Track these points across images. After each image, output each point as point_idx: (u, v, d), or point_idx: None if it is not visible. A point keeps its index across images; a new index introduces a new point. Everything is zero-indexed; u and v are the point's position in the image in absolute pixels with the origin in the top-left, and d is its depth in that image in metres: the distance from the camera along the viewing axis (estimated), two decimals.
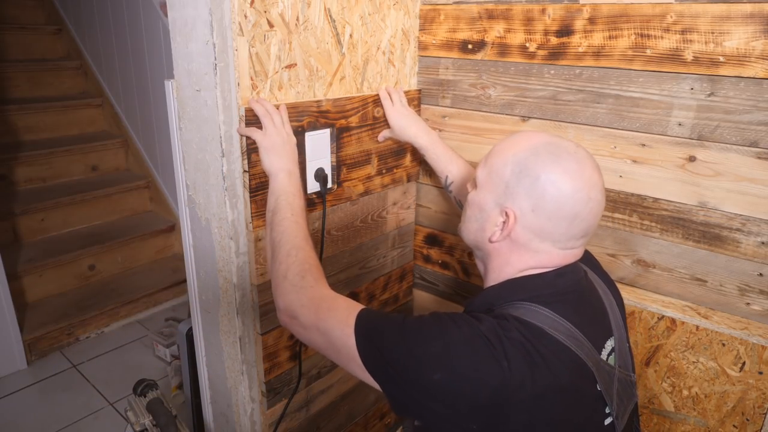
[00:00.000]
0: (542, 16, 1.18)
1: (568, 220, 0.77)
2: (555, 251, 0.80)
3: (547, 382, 0.71)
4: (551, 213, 0.76)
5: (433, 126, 1.44)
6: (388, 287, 1.52)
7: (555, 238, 0.78)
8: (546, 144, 0.79)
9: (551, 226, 0.77)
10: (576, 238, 0.79)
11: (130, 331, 2.55)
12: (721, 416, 1.09)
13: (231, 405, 1.26)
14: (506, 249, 0.82)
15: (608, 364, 0.81)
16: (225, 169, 1.04)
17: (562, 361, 0.73)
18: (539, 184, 0.76)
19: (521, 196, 0.78)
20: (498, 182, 0.81)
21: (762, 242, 1.04)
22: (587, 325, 0.79)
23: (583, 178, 0.76)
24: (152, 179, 3.09)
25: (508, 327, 0.73)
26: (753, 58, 0.97)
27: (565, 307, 0.78)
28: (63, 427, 1.94)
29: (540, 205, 0.77)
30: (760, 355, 1.01)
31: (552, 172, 0.76)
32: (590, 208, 0.77)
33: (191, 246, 1.21)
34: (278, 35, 1.04)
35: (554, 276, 0.81)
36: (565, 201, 0.76)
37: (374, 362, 0.76)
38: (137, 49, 2.87)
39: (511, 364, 0.69)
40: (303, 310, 0.84)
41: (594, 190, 0.77)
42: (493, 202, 0.81)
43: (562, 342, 0.74)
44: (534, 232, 0.78)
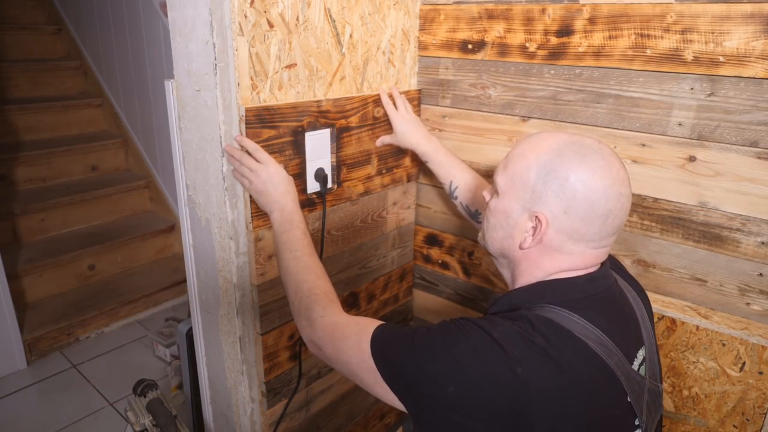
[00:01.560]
0: (542, 16, 1.18)
1: (601, 218, 0.75)
2: (588, 251, 0.78)
3: (571, 390, 0.69)
4: (585, 213, 0.75)
5: (433, 126, 1.44)
6: (388, 287, 1.52)
7: (589, 237, 0.77)
8: (569, 143, 0.77)
9: (585, 226, 0.75)
10: (609, 235, 0.78)
11: (130, 331, 2.55)
12: (721, 416, 1.09)
13: (231, 405, 1.26)
14: (536, 254, 0.80)
15: (639, 375, 0.79)
16: (225, 169, 1.04)
17: (589, 369, 0.72)
18: (569, 185, 0.74)
19: (551, 199, 0.76)
20: (523, 187, 0.78)
21: (762, 242, 1.04)
22: (619, 334, 0.77)
23: (611, 175, 0.75)
24: (152, 179, 3.09)
25: (530, 332, 0.71)
26: (753, 58, 0.97)
27: (597, 314, 0.76)
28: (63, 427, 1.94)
29: (572, 206, 0.75)
30: (760, 355, 1.01)
31: (581, 171, 0.74)
32: (621, 204, 0.76)
33: (191, 246, 1.21)
34: (278, 35, 1.04)
35: (586, 280, 0.79)
36: (597, 199, 0.74)
37: (393, 381, 0.76)
38: (137, 49, 2.87)
39: (527, 370, 0.68)
40: (321, 342, 0.87)
41: (623, 185, 0.76)
42: (520, 207, 0.79)
43: (591, 349, 0.72)
44: (567, 234, 0.76)
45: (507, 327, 0.72)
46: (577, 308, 0.75)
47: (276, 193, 1.03)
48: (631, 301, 0.86)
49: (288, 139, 1.10)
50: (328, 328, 0.86)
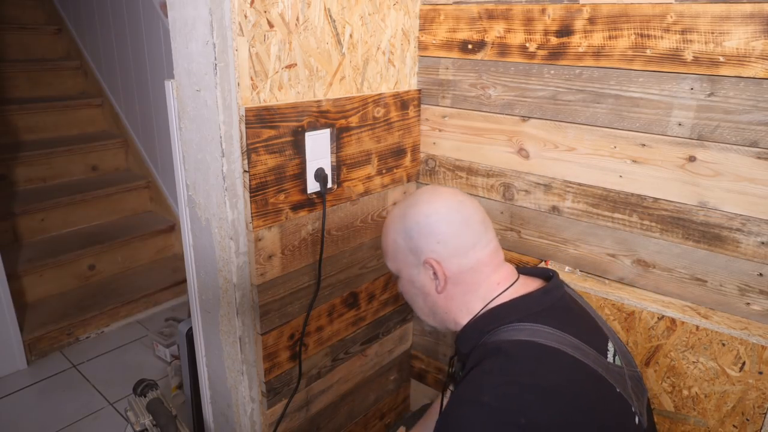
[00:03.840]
0: (542, 16, 1.18)
1: (464, 227, 0.86)
2: (482, 254, 0.87)
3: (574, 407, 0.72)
4: (451, 232, 0.86)
5: (433, 126, 1.44)
6: (389, 287, 1.52)
7: (470, 245, 0.86)
8: (402, 206, 0.92)
9: (460, 240, 0.86)
10: (483, 233, 0.88)
11: (130, 331, 2.55)
12: (721, 416, 1.09)
13: (231, 405, 1.26)
14: (455, 290, 0.88)
15: (617, 365, 0.83)
16: (225, 169, 1.04)
17: (578, 378, 0.75)
18: (423, 224, 0.87)
19: (422, 244, 0.87)
20: (404, 256, 0.90)
21: (762, 242, 1.04)
22: (585, 334, 0.82)
23: (440, 195, 0.89)
24: (152, 179, 3.09)
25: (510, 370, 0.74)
26: (753, 58, 0.97)
27: (560, 321, 0.81)
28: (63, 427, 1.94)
29: (439, 236, 0.86)
30: (760, 355, 1.01)
31: (421, 209, 0.88)
32: (468, 207, 0.88)
33: (191, 246, 1.21)
34: (278, 35, 1.04)
35: (541, 294, 0.86)
36: (448, 216, 0.86)
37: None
38: (137, 49, 2.87)
39: (528, 415, 0.70)
40: None
41: (456, 195, 0.89)
42: (415, 270, 0.90)
43: (571, 356, 0.76)
44: (455, 256, 0.86)
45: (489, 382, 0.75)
46: (542, 319, 0.81)
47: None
48: (582, 304, 0.92)
49: (288, 139, 1.10)
50: None
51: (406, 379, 1.74)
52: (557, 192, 1.27)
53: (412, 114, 1.42)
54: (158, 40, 2.68)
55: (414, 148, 1.46)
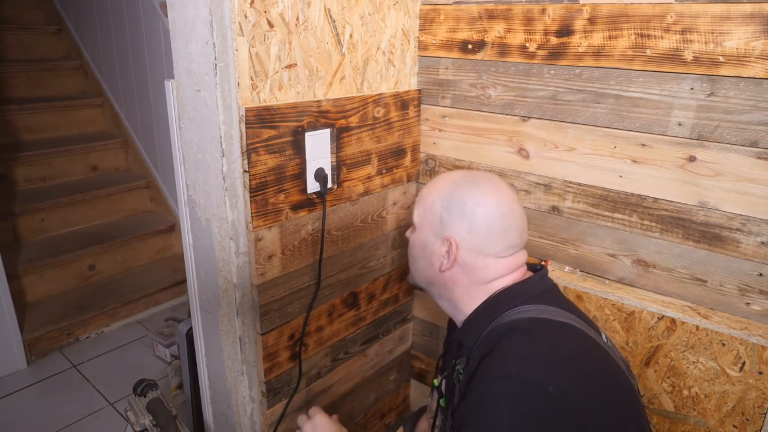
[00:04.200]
0: (542, 16, 1.18)
1: (500, 232, 0.87)
2: (500, 261, 0.88)
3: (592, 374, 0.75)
4: (484, 230, 0.86)
5: (433, 126, 1.44)
6: (389, 287, 1.52)
7: (494, 251, 0.87)
8: (462, 176, 0.92)
9: (489, 241, 0.87)
10: (513, 246, 0.89)
11: (130, 331, 2.55)
12: (721, 416, 1.09)
13: (231, 405, 1.26)
14: (460, 274, 0.89)
15: (611, 346, 0.87)
16: (225, 169, 1.04)
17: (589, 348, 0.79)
18: (467, 208, 0.87)
19: (455, 222, 0.87)
20: (433, 218, 0.90)
21: (762, 242, 1.04)
22: (581, 317, 0.86)
23: (501, 196, 0.88)
24: (152, 179, 3.09)
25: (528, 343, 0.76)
26: (753, 58, 0.97)
27: (561, 303, 0.85)
28: (63, 427, 1.94)
29: (474, 226, 0.87)
30: (760, 355, 1.01)
31: (474, 195, 0.88)
32: (515, 218, 0.88)
33: (191, 246, 1.21)
34: (278, 35, 1.04)
35: (538, 278, 0.90)
36: (493, 217, 0.86)
37: None
38: (137, 49, 2.87)
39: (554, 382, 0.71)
40: None
41: (513, 202, 0.89)
42: (433, 236, 0.90)
43: (580, 329, 0.80)
44: (475, 250, 0.87)
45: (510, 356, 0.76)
46: (546, 301, 0.84)
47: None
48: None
49: (288, 139, 1.10)
50: None
51: (406, 379, 1.74)
52: (557, 192, 1.27)
53: (412, 114, 1.42)
54: (158, 40, 2.68)
55: (414, 148, 1.46)
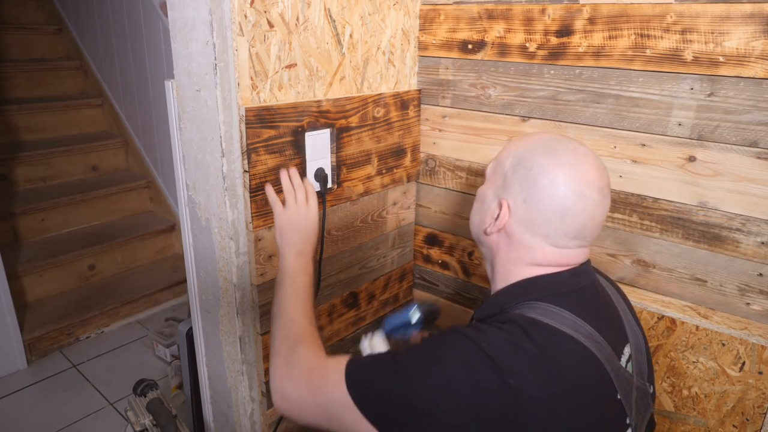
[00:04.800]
0: (542, 16, 1.18)
1: (558, 214, 0.75)
2: (548, 248, 0.78)
3: (564, 396, 0.68)
4: (542, 205, 0.75)
5: (433, 126, 1.44)
6: (388, 287, 1.52)
7: (545, 232, 0.77)
8: (547, 140, 0.79)
9: (541, 219, 0.76)
10: (569, 236, 0.77)
11: (130, 331, 2.55)
12: (720, 416, 1.09)
13: (231, 405, 1.26)
14: (504, 244, 0.81)
15: (627, 372, 0.78)
16: (225, 169, 1.04)
17: (581, 370, 0.71)
18: (531, 175, 0.76)
19: (516, 187, 0.78)
20: (499, 174, 0.81)
21: (762, 242, 1.04)
22: (606, 329, 0.76)
23: (578, 174, 0.75)
24: (152, 179, 3.10)
25: (520, 338, 0.70)
26: (753, 58, 0.97)
27: (583, 308, 0.75)
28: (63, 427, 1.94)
29: (531, 196, 0.76)
30: (760, 355, 1.01)
31: (545, 164, 0.76)
32: (583, 205, 0.74)
33: (191, 246, 1.21)
34: (278, 35, 1.05)
35: (569, 275, 0.79)
36: (555, 193, 0.74)
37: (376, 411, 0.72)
38: (137, 49, 2.87)
39: (519, 380, 0.66)
40: (295, 387, 0.80)
41: (589, 187, 0.75)
42: (492, 194, 0.82)
43: (583, 344, 0.71)
44: (525, 224, 0.77)
45: (495, 335, 0.71)
46: (564, 303, 0.75)
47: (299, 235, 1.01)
48: (613, 298, 0.86)
49: (288, 139, 1.10)
50: (306, 370, 0.81)
51: None
52: None
53: (412, 114, 1.42)
54: (158, 40, 2.68)
55: (414, 148, 1.46)
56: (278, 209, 1.03)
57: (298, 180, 1.05)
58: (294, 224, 1.02)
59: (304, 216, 1.03)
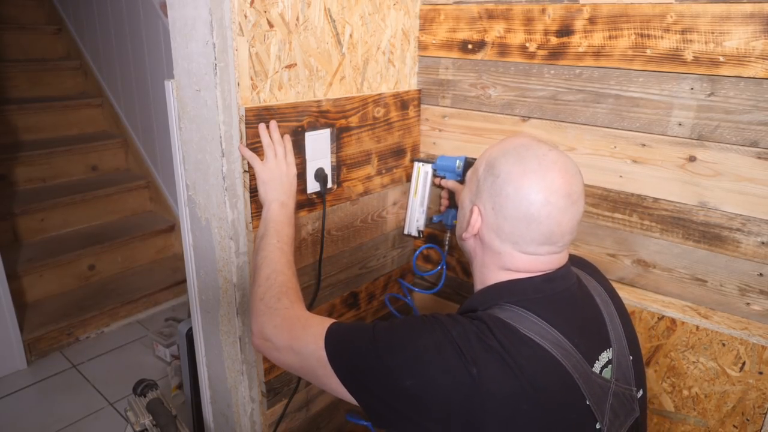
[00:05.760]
0: (542, 16, 1.18)
1: (524, 222, 0.76)
2: (516, 254, 0.79)
3: (524, 393, 0.69)
4: (508, 213, 0.77)
5: (433, 126, 1.44)
6: (388, 287, 1.52)
7: (513, 239, 0.78)
8: (519, 145, 0.80)
9: (509, 226, 0.78)
10: (537, 243, 0.77)
11: (130, 331, 2.55)
12: (721, 416, 1.09)
13: (231, 405, 1.26)
14: (479, 249, 0.84)
15: (601, 377, 0.78)
16: (225, 169, 1.04)
17: (544, 373, 0.71)
18: (498, 183, 0.78)
19: (485, 194, 0.80)
20: (473, 180, 0.84)
21: (762, 242, 1.04)
22: (578, 336, 0.76)
23: (543, 180, 0.75)
24: (152, 179, 3.09)
25: (486, 334, 0.72)
26: (753, 58, 0.97)
27: (554, 315, 0.76)
28: (63, 427, 1.94)
29: (498, 204, 0.78)
30: (760, 355, 1.01)
31: (512, 171, 0.77)
32: (548, 212, 0.75)
33: (191, 246, 1.21)
34: (278, 35, 1.04)
35: (542, 280, 0.79)
36: (520, 201, 0.76)
37: (347, 373, 0.76)
38: (137, 49, 2.87)
39: (482, 372, 0.68)
40: (276, 330, 0.84)
41: (555, 194, 0.75)
42: (468, 200, 0.84)
43: (547, 351, 0.72)
44: (494, 231, 0.80)
45: (466, 327, 0.73)
46: (534, 308, 0.76)
47: (283, 188, 1.02)
48: (598, 302, 0.85)
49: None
50: (290, 318, 0.84)
51: None
52: None
53: (412, 114, 1.42)
54: (158, 40, 2.68)
55: (414, 148, 1.46)
56: (258, 164, 1.02)
57: (277, 135, 1.04)
58: (276, 177, 1.02)
59: (285, 170, 1.03)
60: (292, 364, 0.83)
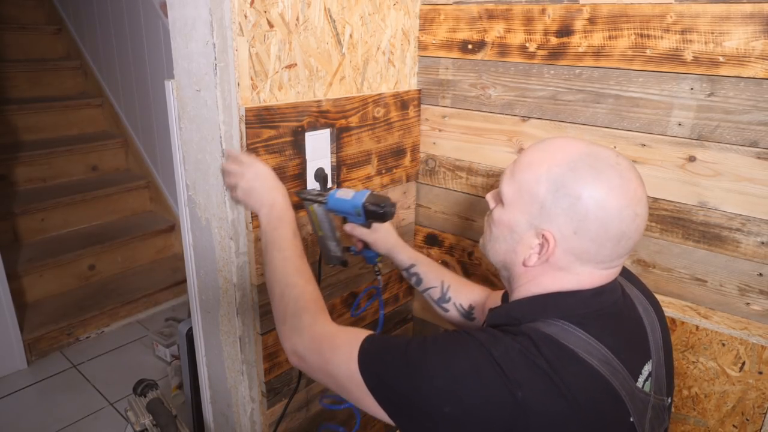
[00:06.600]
0: (542, 16, 1.18)
1: (614, 240, 0.71)
2: (597, 272, 0.74)
3: (572, 415, 0.66)
4: (596, 235, 0.70)
5: (433, 126, 1.44)
6: (388, 287, 1.52)
7: (599, 259, 0.73)
8: (584, 156, 0.72)
9: (596, 248, 0.71)
10: (621, 256, 0.74)
11: (130, 331, 2.55)
12: (720, 416, 1.09)
13: (231, 405, 1.26)
14: (540, 272, 0.76)
15: (643, 392, 0.76)
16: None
17: (592, 391, 0.68)
18: (581, 205, 0.70)
19: (561, 217, 0.71)
20: (531, 201, 0.73)
21: (762, 242, 1.04)
22: (624, 351, 0.73)
23: (628, 194, 0.70)
24: (152, 179, 3.10)
25: (533, 352, 0.68)
26: (753, 58, 0.97)
27: (602, 330, 0.72)
28: (63, 427, 1.94)
29: (583, 227, 0.70)
30: (759, 355, 1.01)
31: (595, 190, 0.69)
32: (636, 225, 0.71)
33: (191, 246, 1.21)
34: (278, 35, 1.05)
35: (591, 295, 0.75)
36: (611, 221, 0.70)
37: (384, 397, 0.73)
38: (137, 49, 2.87)
39: (527, 394, 0.65)
40: (307, 352, 0.81)
41: (639, 205, 0.71)
42: (526, 223, 0.75)
43: (595, 368, 0.69)
44: (575, 255, 0.72)
45: (508, 345, 0.69)
46: (582, 323, 0.72)
47: (264, 188, 0.95)
48: (640, 312, 0.83)
49: (288, 139, 1.10)
50: (317, 337, 0.81)
51: None
52: None
53: (412, 114, 1.42)
54: (158, 40, 2.68)
55: (414, 148, 1.46)
56: (231, 186, 0.98)
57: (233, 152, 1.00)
58: (249, 185, 0.96)
59: (251, 175, 0.96)
60: (330, 386, 0.80)
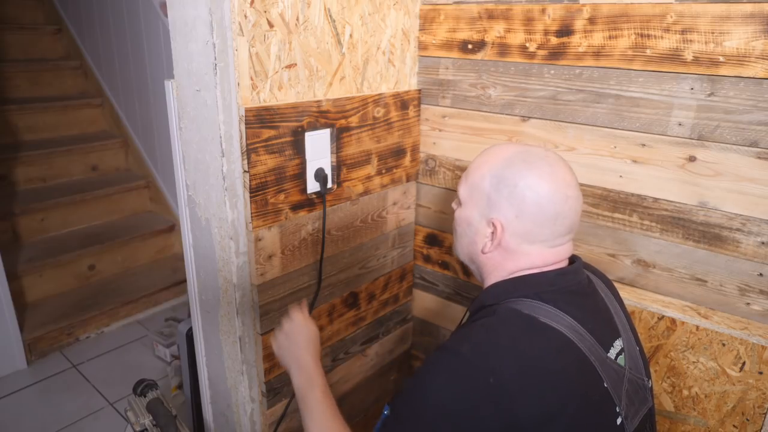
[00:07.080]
0: (542, 16, 1.18)
1: (552, 219, 0.82)
2: (546, 250, 0.85)
3: (544, 380, 0.73)
4: (535, 216, 0.82)
5: (433, 126, 1.44)
6: (388, 287, 1.52)
7: (543, 238, 0.83)
8: (518, 153, 0.85)
9: (537, 228, 0.83)
10: (562, 234, 0.84)
11: (130, 331, 2.55)
12: (721, 416, 1.09)
13: (231, 405, 1.26)
14: (499, 257, 0.87)
15: (616, 363, 0.82)
16: (225, 169, 1.04)
17: (561, 356, 0.75)
18: (518, 191, 0.82)
19: (504, 205, 0.83)
20: (480, 196, 0.86)
21: (762, 242, 1.04)
22: (591, 322, 0.81)
23: (557, 179, 0.82)
24: (152, 179, 3.10)
25: (498, 331, 0.76)
26: (753, 58, 0.97)
27: (567, 305, 0.81)
28: (63, 427, 1.94)
29: (523, 211, 0.82)
30: (760, 355, 1.01)
31: (527, 177, 0.82)
32: (570, 206, 0.82)
33: (191, 246, 1.21)
34: (278, 35, 1.05)
35: (556, 275, 0.85)
36: (545, 203, 0.81)
37: None
38: (137, 49, 2.87)
39: (498, 377, 0.71)
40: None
41: (570, 188, 0.83)
42: (479, 215, 0.87)
43: (562, 333, 0.76)
44: (522, 236, 0.84)
45: (474, 337, 0.76)
46: (548, 299, 0.81)
47: (294, 347, 1.00)
48: (604, 298, 0.91)
49: (288, 139, 1.10)
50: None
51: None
52: None
53: (412, 114, 1.42)
54: (158, 40, 2.68)
55: (414, 148, 1.46)
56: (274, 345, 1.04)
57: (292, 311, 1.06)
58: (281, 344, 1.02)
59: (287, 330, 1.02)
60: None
